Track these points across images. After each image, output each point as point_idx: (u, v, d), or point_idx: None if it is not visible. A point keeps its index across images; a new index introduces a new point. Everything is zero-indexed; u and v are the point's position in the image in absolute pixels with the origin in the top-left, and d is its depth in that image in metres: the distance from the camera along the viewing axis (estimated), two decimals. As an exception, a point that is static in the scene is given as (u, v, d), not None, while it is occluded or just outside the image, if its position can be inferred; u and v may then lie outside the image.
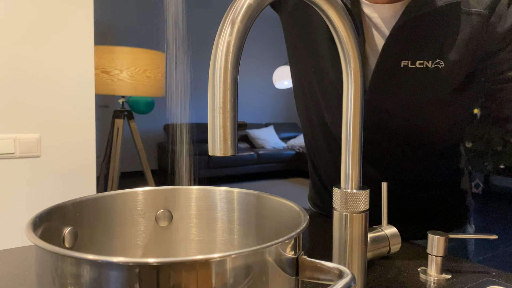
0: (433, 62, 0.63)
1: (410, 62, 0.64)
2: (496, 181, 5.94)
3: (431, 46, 0.63)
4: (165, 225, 0.48)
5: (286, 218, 0.43)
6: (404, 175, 0.75)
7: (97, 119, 6.04)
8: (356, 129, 0.44)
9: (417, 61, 0.63)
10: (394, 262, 0.60)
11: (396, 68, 0.64)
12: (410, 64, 0.64)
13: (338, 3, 0.39)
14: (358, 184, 0.44)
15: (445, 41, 0.62)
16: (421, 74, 0.64)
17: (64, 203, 0.40)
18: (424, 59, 0.63)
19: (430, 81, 0.64)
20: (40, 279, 0.30)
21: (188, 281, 0.27)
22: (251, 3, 0.31)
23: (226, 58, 0.30)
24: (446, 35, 0.62)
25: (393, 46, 0.63)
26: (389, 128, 0.70)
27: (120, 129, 2.41)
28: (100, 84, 2.15)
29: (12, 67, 1.35)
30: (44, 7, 1.38)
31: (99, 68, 2.13)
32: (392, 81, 0.65)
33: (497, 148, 5.06)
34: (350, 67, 0.43)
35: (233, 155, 0.31)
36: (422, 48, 0.63)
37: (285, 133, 7.36)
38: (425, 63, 0.63)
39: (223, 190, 0.49)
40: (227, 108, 0.30)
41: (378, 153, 0.73)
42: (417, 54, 0.63)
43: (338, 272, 0.31)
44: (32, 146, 1.40)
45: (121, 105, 2.52)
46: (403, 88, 0.66)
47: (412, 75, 0.64)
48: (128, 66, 2.13)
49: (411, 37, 0.63)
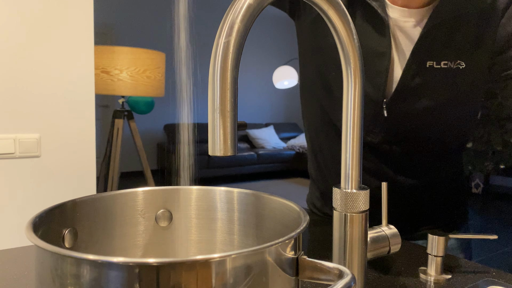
0: (455, 62, 0.66)
1: (435, 62, 0.67)
2: (496, 181, 5.94)
3: (454, 47, 0.66)
4: (165, 225, 0.48)
5: (286, 218, 0.42)
6: (410, 175, 0.75)
7: (97, 119, 6.04)
8: (356, 129, 0.44)
9: (442, 61, 0.66)
10: (394, 262, 0.60)
11: (423, 68, 0.67)
12: (435, 64, 0.67)
13: (338, 3, 0.39)
14: (358, 184, 0.44)
15: (466, 43, 0.66)
16: (444, 74, 0.67)
17: (64, 203, 0.40)
18: (447, 59, 0.66)
19: (452, 81, 0.67)
20: (40, 279, 0.30)
21: (188, 281, 0.27)
22: (251, 3, 0.31)
23: (226, 59, 0.30)
24: (467, 37, 0.66)
25: (422, 48, 0.66)
26: (406, 131, 0.72)
27: (120, 129, 2.41)
28: (100, 84, 2.15)
29: (12, 67, 1.35)
30: (44, 7, 1.38)
31: (99, 68, 2.13)
32: (418, 82, 0.68)
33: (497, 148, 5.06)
34: (350, 67, 0.43)
35: (233, 155, 0.31)
36: (446, 49, 0.66)
37: (285, 133, 7.36)
38: (448, 63, 0.66)
39: (223, 190, 0.49)
40: (227, 108, 0.30)
41: (389, 155, 0.73)
42: (442, 55, 0.66)
43: (338, 272, 0.31)
44: (32, 146, 1.40)
45: (121, 105, 2.52)
46: (429, 88, 0.68)
47: (436, 75, 0.67)
48: (128, 66, 2.13)
49: (437, 39, 0.66)
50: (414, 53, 0.66)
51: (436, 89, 0.68)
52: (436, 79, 0.67)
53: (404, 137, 0.72)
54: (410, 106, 0.69)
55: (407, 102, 0.69)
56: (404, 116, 0.70)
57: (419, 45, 0.66)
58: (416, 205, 0.77)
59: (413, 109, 0.69)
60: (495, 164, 5.14)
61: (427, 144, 0.73)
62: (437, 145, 0.74)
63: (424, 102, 0.69)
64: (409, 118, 0.71)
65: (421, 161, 0.75)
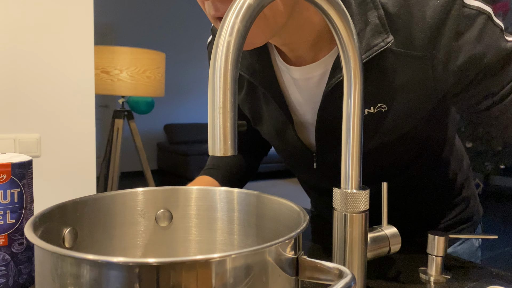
0: (375, 107, 0.59)
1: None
2: (496, 181, 5.94)
3: (368, 93, 0.58)
4: (165, 225, 0.48)
5: (286, 218, 0.43)
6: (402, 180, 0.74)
7: (97, 119, 6.05)
8: (356, 129, 0.44)
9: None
10: (394, 262, 0.60)
11: (336, 124, 0.61)
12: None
13: (338, 3, 0.39)
14: (358, 184, 0.45)
15: (382, 86, 0.57)
16: (366, 120, 0.60)
17: (64, 203, 0.40)
18: (364, 107, 0.58)
19: (379, 124, 0.60)
20: (40, 279, 0.30)
21: (188, 281, 0.27)
22: (251, 3, 0.31)
23: (226, 58, 0.30)
24: (381, 80, 0.57)
25: (329, 107, 0.60)
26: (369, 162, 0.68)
27: (120, 129, 2.41)
28: (100, 84, 2.15)
29: (12, 67, 1.35)
30: (44, 7, 1.38)
31: (99, 68, 2.13)
32: (336, 136, 0.63)
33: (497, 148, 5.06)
34: (350, 67, 0.43)
35: (233, 155, 0.31)
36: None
37: (285, 133, 7.35)
38: (366, 110, 0.59)
39: (223, 190, 0.49)
40: (227, 108, 0.30)
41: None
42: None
43: (338, 272, 0.31)
44: (32, 146, 1.40)
45: (121, 105, 2.52)
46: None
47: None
48: (128, 66, 2.13)
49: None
50: (324, 104, 0.60)
51: (368, 135, 0.62)
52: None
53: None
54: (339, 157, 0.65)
55: (334, 154, 0.66)
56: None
57: (325, 104, 0.60)
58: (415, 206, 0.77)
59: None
60: (495, 164, 5.14)
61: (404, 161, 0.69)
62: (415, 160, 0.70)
63: (366, 146, 0.64)
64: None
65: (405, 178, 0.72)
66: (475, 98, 0.57)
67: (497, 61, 0.53)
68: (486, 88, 0.55)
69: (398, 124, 0.60)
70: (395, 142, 0.64)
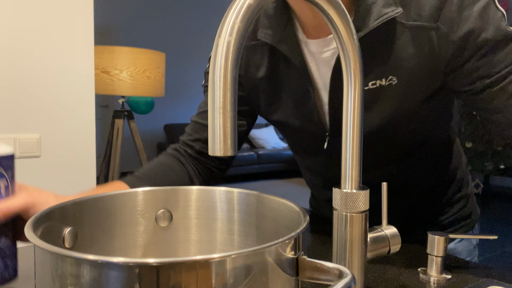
0: (386, 79, 0.61)
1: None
2: (496, 181, 5.94)
3: (379, 65, 0.60)
4: (165, 225, 0.48)
5: (286, 218, 0.43)
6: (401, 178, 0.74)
7: (97, 119, 6.04)
8: (356, 129, 0.44)
9: (369, 82, 0.61)
10: (394, 262, 0.60)
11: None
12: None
13: (338, 3, 0.39)
14: (358, 184, 0.44)
15: (392, 58, 0.60)
16: (376, 93, 0.62)
17: (64, 203, 0.40)
18: (376, 79, 0.61)
19: (389, 98, 0.62)
20: (40, 279, 0.30)
21: (188, 281, 0.27)
22: (251, 3, 0.31)
23: (226, 58, 0.30)
24: (391, 52, 0.59)
25: (339, 77, 0.62)
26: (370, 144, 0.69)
27: (120, 129, 2.41)
28: (100, 84, 2.15)
29: (12, 67, 1.35)
30: (44, 8, 1.38)
31: (99, 68, 2.13)
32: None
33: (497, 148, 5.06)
34: (350, 67, 0.43)
35: (233, 155, 0.31)
36: (370, 69, 0.61)
37: (285, 133, 7.35)
38: (377, 82, 0.61)
39: (223, 190, 0.49)
40: (227, 108, 0.30)
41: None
42: (366, 76, 0.61)
43: (338, 272, 0.31)
44: (32, 146, 1.40)
45: (121, 105, 2.52)
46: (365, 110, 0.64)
47: (367, 96, 0.63)
48: (128, 66, 2.13)
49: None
50: (333, 84, 0.63)
51: (369, 111, 0.64)
52: (369, 101, 0.63)
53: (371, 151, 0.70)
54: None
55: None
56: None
57: (336, 74, 0.62)
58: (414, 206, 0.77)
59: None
60: (495, 164, 5.14)
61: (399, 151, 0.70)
62: (411, 152, 0.71)
63: (369, 122, 0.65)
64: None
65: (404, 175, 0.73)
66: (469, 78, 0.58)
67: (496, 41, 0.55)
68: (482, 69, 0.57)
69: (407, 98, 0.62)
70: (403, 122, 0.65)
